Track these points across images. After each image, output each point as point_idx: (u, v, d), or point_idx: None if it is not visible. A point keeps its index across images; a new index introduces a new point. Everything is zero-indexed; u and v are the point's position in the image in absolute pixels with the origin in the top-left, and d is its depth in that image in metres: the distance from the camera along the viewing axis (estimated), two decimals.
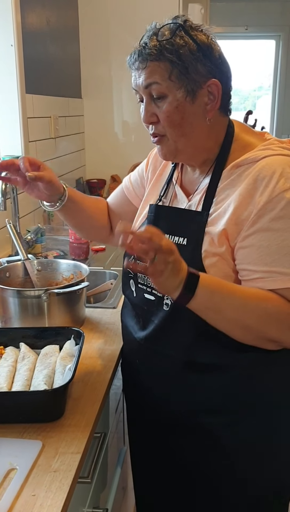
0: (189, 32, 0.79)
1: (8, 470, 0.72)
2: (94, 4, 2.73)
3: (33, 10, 2.05)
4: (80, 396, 0.90)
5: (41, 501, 0.67)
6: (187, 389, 0.90)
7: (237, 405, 0.88)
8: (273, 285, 0.78)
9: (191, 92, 0.80)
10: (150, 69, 0.80)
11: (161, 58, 0.79)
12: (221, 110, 0.85)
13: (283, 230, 0.77)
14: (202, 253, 0.82)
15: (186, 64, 0.78)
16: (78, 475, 0.74)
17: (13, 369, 0.93)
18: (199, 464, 0.93)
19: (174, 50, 0.78)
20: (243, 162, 0.82)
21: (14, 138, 1.90)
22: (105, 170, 2.95)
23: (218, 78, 0.81)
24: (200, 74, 0.80)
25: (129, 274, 0.96)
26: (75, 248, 1.72)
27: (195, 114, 0.82)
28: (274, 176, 0.77)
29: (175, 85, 0.80)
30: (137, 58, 0.81)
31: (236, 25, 4.63)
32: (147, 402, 0.98)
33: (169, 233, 0.88)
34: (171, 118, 0.81)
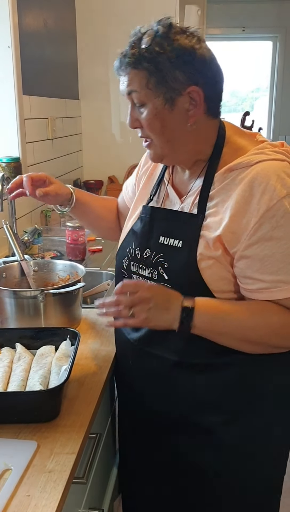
0: (169, 39, 0.78)
1: (3, 471, 0.72)
2: (92, 6, 2.74)
3: (30, 12, 2.06)
4: (76, 397, 0.90)
5: (36, 501, 0.67)
6: (179, 389, 0.90)
7: (229, 405, 0.88)
8: (280, 295, 0.78)
9: (169, 99, 0.80)
10: (130, 77, 0.81)
11: (139, 67, 0.79)
12: (209, 113, 0.84)
13: (286, 238, 0.77)
14: (197, 256, 0.82)
15: (163, 73, 0.78)
16: (73, 475, 0.74)
17: (8, 370, 0.94)
18: (191, 464, 0.93)
19: (151, 58, 0.78)
20: (237, 166, 0.81)
21: (11, 139, 1.91)
22: (103, 171, 2.95)
23: (201, 83, 0.80)
24: (178, 81, 0.79)
25: (123, 274, 0.97)
26: (72, 249, 1.72)
27: (176, 120, 0.82)
28: (270, 183, 0.77)
29: (152, 93, 0.80)
30: (119, 65, 0.82)
31: (233, 27, 4.64)
32: (139, 403, 0.98)
33: (164, 235, 0.88)
34: (151, 126, 0.82)
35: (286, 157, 0.81)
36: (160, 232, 0.89)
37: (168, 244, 0.87)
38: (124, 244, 0.98)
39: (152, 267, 0.89)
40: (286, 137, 4.90)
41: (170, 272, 0.86)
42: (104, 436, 1.08)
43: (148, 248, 0.90)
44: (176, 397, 0.91)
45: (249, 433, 0.89)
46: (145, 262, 0.90)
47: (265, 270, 0.78)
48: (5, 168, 1.83)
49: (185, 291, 0.82)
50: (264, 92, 5.04)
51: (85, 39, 2.78)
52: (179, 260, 0.84)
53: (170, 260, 0.86)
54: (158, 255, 0.88)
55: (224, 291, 0.83)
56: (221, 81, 0.84)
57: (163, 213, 0.92)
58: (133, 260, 0.93)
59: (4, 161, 1.83)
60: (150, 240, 0.90)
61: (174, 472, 0.96)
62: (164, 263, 0.87)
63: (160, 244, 0.88)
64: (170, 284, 0.85)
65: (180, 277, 0.84)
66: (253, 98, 5.45)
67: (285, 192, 0.76)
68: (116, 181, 2.95)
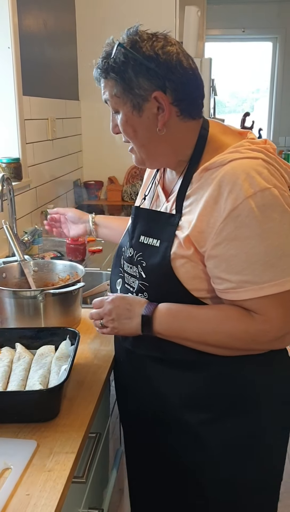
0: (132, 48, 0.80)
1: (2, 470, 0.72)
2: (91, 7, 2.74)
3: (30, 13, 2.06)
4: (75, 396, 0.91)
5: (35, 500, 0.67)
6: (165, 387, 0.90)
7: (217, 402, 0.88)
8: (246, 295, 0.78)
9: (137, 106, 0.82)
10: (103, 86, 0.86)
11: (107, 76, 0.83)
12: (184, 115, 0.84)
13: (250, 238, 0.76)
14: (171, 255, 0.83)
15: (127, 81, 0.81)
16: (72, 474, 0.74)
17: (8, 369, 0.94)
18: (187, 462, 0.93)
19: (116, 68, 0.81)
20: (212, 165, 0.81)
21: (11, 140, 1.91)
22: (103, 172, 2.96)
23: (168, 87, 0.80)
24: (143, 88, 0.81)
25: (119, 273, 0.98)
26: (72, 249, 1.73)
27: (146, 126, 0.83)
28: (238, 182, 0.76)
29: (120, 100, 0.83)
30: (94, 75, 0.86)
31: (233, 27, 4.65)
32: (132, 401, 0.99)
33: (145, 235, 0.90)
34: (125, 131, 0.86)
35: (264, 154, 0.80)
36: (141, 231, 0.92)
37: (147, 244, 0.89)
38: (121, 243, 1.00)
39: (134, 265, 0.91)
40: (286, 138, 4.91)
41: (147, 270, 0.87)
42: (103, 435, 1.09)
43: (131, 247, 0.93)
44: (161, 395, 0.91)
45: (237, 433, 0.89)
46: (130, 261, 0.93)
47: (231, 270, 0.78)
48: (5, 168, 1.84)
49: (161, 290, 0.85)
50: (264, 93, 5.04)
51: (85, 40, 2.78)
52: (155, 259, 0.86)
53: (148, 259, 0.88)
54: (138, 253, 0.90)
55: (199, 289, 0.84)
56: (192, 83, 0.83)
57: (145, 213, 0.94)
58: (124, 259, 0.95)
59: (4, 161, 1.84)
60: (133, 239, 0.93)
61: (170, 471, 0.96)
62: (143, 261, 0.88)
63: (140, 243, 0.90)
64: (147, 282, 0.87)
65: (156, 275, 0.86)
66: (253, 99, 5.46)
67: (252, 191, 0.75)
68: (116, 182, 2.95)
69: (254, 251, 0.76)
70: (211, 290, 0.84)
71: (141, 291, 0.89)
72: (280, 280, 0.77)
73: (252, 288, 0.77)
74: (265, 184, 0.76)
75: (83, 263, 1.67)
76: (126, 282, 0.95)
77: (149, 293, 0.88)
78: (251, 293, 0.78)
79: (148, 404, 0.94)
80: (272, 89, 4.88)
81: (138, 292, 0.89)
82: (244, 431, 0.89)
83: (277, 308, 0.79)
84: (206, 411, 0.88)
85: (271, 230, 0.76)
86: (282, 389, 0.92)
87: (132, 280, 0.92)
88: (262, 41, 4.86)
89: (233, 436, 0.89)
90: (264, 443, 0.91)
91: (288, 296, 0.78)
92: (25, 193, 1.99)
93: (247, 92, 5.41)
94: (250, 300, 0.79)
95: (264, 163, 0.79)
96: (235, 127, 0.92)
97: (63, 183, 2.54)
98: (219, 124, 0.90)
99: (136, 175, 2.88)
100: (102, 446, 1.08)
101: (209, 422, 0.88)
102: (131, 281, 0.93)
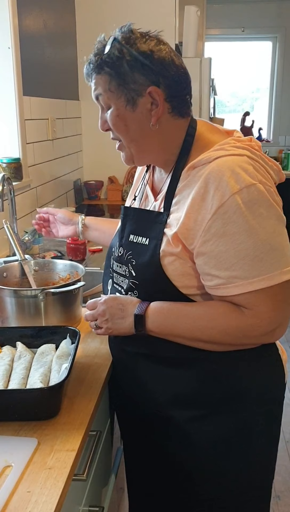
0: (127, 44, 0.82)
1: (3, 467, 0.73)
2: (91, 8, 2.75)
3: (30, 13, 2.07)
4: (76, 395, 0.91)
5: (36, 497, 0.67)
6: (157, 384, 0.91)
7: (208, 399, 0.88)
8: (236, 290, 0.79)
9: (131, 100, 0.83)
10: (95, 82, 0.86)
11: (101, 72, 0.84)
12: (174, 113, 0.85)
13: (239, 234, 0.77)
14: (160, 253, 0.84)
15: (123, 76, 0.82)
16: (73, 472, 0.74)
17: (9, 368, 0.94)
18: (180, 460, 0.93)
19: (111, 63, 0.82)
20: (198, 163, 0.82)
21: (12, 140, 1.92)
22: (103, 172, 2.96)
23: (161, 83, 0.82)
24: (138, 83, 0.82)
25: (109, 274, 0.99)
26: (72, 249, 1.73)
27: (138, 120, 0.84)
28: (224, 179, 0.77)
29: (114, 95, 0.84)
30: (85, 72, 0.87)
31: (232, 27, 4.65)
32: (126, 399, 1.00)
33: (134, 233, 0.91)
34: (116, 126, 0.86)
35: (250, 152, 0.81)
36: (130, 230, 0.93)
37: (137, 242, 0.90)
38: (112, 243, 1.01)
39: (124, 264, 0.92)
40: (286, 137, 4.91)
41: (137, 268, 0.88)
42: (104, 434, 1.09)
43: (121, 246, 0.94)
44: (153, 392, 0.92)
45: (227, 430, 0.89)
46: (120, 260, 0.93)
47: (221, 266, 0.79)
48: (6, 168, 1.84)
49: (151, 288, 0.86)
50: (264, 92, 5.04)
51: (85, 40, 2.79)
52: (144, 257, 0.87)
53: (137, 257, 0.88)
54: (128, 252, 0.91)
55: (188, 286, 0.84)
56: (183, 81, 0.85)
57: (133, 212, 0.95)
58: (114, 258, 0.96)
59: (4, 161, 1.84)
60: (122, 238, 0.94)
61: (165, 469, 0.96)
62: (132, 260, 0.89)
63: (129, 242, 0.91)
64: (137, 280, 0.88)
65: (145, 273, 0.87)
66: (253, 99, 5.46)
67: (238, 188, 0.76)
68: (116, 182, 2.96)
69: (242, 247, 0.77)
70: (200, 287, 0.84)
71: (131, 290, 0.90)
72: (269, 275, 0.77)
73: (241, 284, 0.78)
74: (250, 180, 0.77)
75: (84, 263, 1.68)
76: (115, 282, 0.96)
77: (139, 291, 0.88)
78: (240, 288, 0.78)
79: (141, 402, 0.95)
80: (272, 89, 4.88)
81: (128, 290, 0.90)
82: (235, 428, 0.89)
83: (266, 302, 0.79)
84: (198, 408, 0.89)
85: (259, 225, 0.77)
86: (272, 387, 0.92)
87: (122, 279, 0.93)
88: (261, 41, 4.86)
89: (224, 433, 0.89)
90: (254, 441, 0.91)
91: (277, 290, 0.79)
92: (26, 193, 1.99)
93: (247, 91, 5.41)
94: (240, 295, 0.79)
95: (249, 160, 0.80)
96: (222, 127, 0.92)
97: (63, 183, 2.55)
98: (206, 123, 0.91)
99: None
100: (103, 445, 1.08)
101: (200, 419, 0.89)
102: (120, 280, 0.94)
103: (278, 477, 1.02)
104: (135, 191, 1.01)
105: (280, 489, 1.86)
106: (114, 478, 1.21)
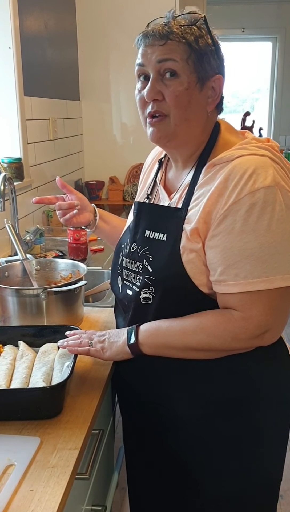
0: (207, 27, 0.83)
1: (6, 466, 0.72)
2: (92, 8, 2.75)
3: (31, 14, 2.07)
4: (78, 393, 0.91)
5: (39, 496, 0.67)
6: (164, 382, 0.90)
7: (216, 400, 0.88)
8: (234, 289, 0.78)
9: (201, 80, 0.83)
10: (169, 47, 0.81)
11: (181, 40, 0.80)
12: (218, 107, 0.88)
13: (246, 232, 0.77)
14: (180, 249, 0.84)
15: (202, 53, 0.82)
16: (76, 470, 0.74)
17: (11, 367, 0.94)
18: (185, 460, 0.93)
19: (194, 36, 0.81)
20: (219, 161, 0.82)
21: (13, 140, 1.92)
22: (104, 172, 2.96)
23: (223, 75, 0.86)
24: (211, 67, 0.84)
25: (118, 270, 0.98)
26: (74, 248, 1.73)
27: (199, 102, 0.84)
28: (244, 177, 0.77)
29: (190, 68, 0.81)
30: (155, 34, 0.81)
31: (232, 28, 4.65)
32: (131, 397, 0.99)
33: (150, 229, 0.90)
34: (179, 98, 0.82)
35: (270, 152, 0.81)
36: (145, 226, 0.92)
37: (153, 238, 0.89)
38: (121, 240, 1.00)
39: (138, 260, 0.91)
40: (286, 137, 4.91)
41: (154, 264, 0.87)
42: (106, 432, 1.09)
43: (135, 242, 0.93)
44: (159, 391, 0.91)
45: (233, 432, 0.88)
46: (132, 256, 0.92)
47: (224, 262, 0.79)
48: (7, 168, 1.84)
49: (168, 284, 0.85)
50: (265, 93, 5.04)
51: (85, 41, 2.79)
52: (163, 253, 0.86)
53: (155, 253, 0.88)
54: (143, 248, 0.90)
55: (207, 284, 0.84)
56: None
57: (149, 208, 0.94)
58: (124, 255, 0.95)
59: (5, 161, 1.85)
60: (136, 234, 0.93)
61: (169, 469, 0.96)
62: (149, 256, 0.88)
63: (145, 238, 0.90)
64: (154, 276, 0.87)
65: (164, 269, 0.86)
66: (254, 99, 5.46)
67: (256, 187, 0.76)
68: (117, 182, 2.96)
69: (248, 246, 0.77)
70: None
71: (147, 286, 0.88)
72: (270, 278, 0.77)
73: (241, 282, 0.78)
74: (269, 181, 0.77)
75: (85, 262, 1.67)
76: (125, 279, 0.95)
77: (155, 287, 0.87)
78: (239, 287, 0.78)
79: (148, 400, 0.94)
80: (272, 89, 4.88)
81: (143, 287, 0.89)
82: (244, 428, 0.89)
83: (258, 305, 0.79)
84: (207, 407, 0.88)
85: (268, 228, 0.77)
86: (283, 387, 0.91)
87: (133, 275, 0.92)
88: (262, 41, 4.87)
89: (232, 434, 0.89)
90: (264, 441, 0.90)
91: (274, 295, 0.79)
92: (27, 193, 1.99)
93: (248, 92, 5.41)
94: (237, 295, 0.79)
95: (271, 161, 0.80)
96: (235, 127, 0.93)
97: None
98: (225, 122, 0.92)
99: (137, 174, 2.88)
100: (106, 444, 1.08)
101: (209, 418, 0.88)
102: (132, 277, 0.93)
103: None
104: (147, 190, 0.99)
105: (283, 488, 1.85)
106: (117, 477, 1.21)
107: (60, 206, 1.10)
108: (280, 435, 0.94)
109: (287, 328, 3.23)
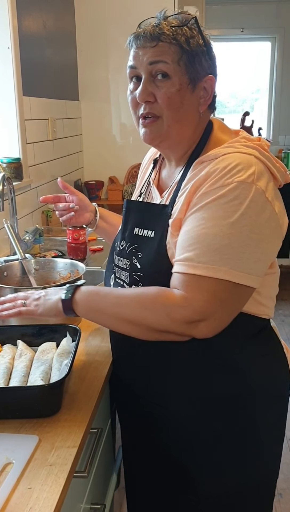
0: (198, 28, 0.83)
1: (4, 464, 0.73)
2: (91, 8, 2.75)
3: (29, 14, 2.07)
4: (77, 392, 0.91)
5: (37, 493, 0.67)
6: (159, 379, 0.90)
7: (213, 397, 0.87)
8: (182, 269, 0.78)
9: (192, 81, 0.83)
10: (160, 49, 0.81)
11: (172, 41, 0.81)
12: (210, 107, 0.89)
13: (207, 219, 0.77)
14: (166, 245, 0.84)
15: (194, 54, 0.82)
16: (74, 468, 0.74)
17: (10, 366, 0.94)
18: (181, 458, 0.92)
19: (185, 37, 0.81)
20: (206, 158, 0.83)
21: (12, 140, 1.92)
22: (103, 172, 2.97)
23: (214, 75, 0.86)
24: (202, 67, 0.84)
25: (112, 269, 0.99)
26: (73, 248, 1.73)
27: (192, 103, 0.85)
28: (224, 171, 0.78)
29: (181, 70, 0.82)
30: (146, 35, 0.81)
31: (231, 28, 4.65)
32: (128, 394, 0.99)
33: (138, 226, 0.91)
34: (171, 100, 0.83)
35: (258, 152, 0.81)
36: (134, 223, 0.92)
37: (142, 235, 0.90)
38: (115, 239, 1.01)
39: (126, 258, 0.91)
40: (286, 137, 4.91)
41: (142, 261, 0.88)
42: (105, 431, 1.09)
43: (124, 240, 0.93)
44: (153, 388, 0.91)
45: (228, 429, 0.88)
46: (122, 254, 0.93)
47: (181, 243, 0.80)
48: (6, 168, 1.85)
49: (156, 281, 0.84)
50: (264, 93, 5.04)
51: (84, 41, 2.79)
52: (151, 250, 0.87)
53: (144, 250, 0.88)
54: (132, 245, 0.91)
55: None
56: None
57: (137, 205, 0.95)
58: (116, 253, 0.96)
59: (4, 161, 1.85)
60: (126, 232, 0.93)
61: (165, 467, 0.96)
62: (139, 253, 0.89)
63: (134, 235, 0.91)
64: (142, 272, 0.87)
65: (151, 265, 0.86)
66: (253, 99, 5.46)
67: (230, 181, 0.77)
68: (116, 182, 2.96)
69: (204, 231, 0.78)
70: None
71: (135, 283, 0.88)
72: (215, 267, 0.76)
73: (187, 264, 0.78)
74: (245, 177, 0.77)
75: (84, 262, 1.67)
76: (117, 277, 0.96)
77: (144, 284, 0.87)
78: (184, 268, 0.79)
79: (144, 397, 0.94)
80: (271, 89, 4.88)
81: (132, 284, 0.89)
82: (241, 426, 0.89)
83: (202, 291, 0.77)
84: (202, 406, 0.88)
85: (229, 219, 0.76)
86: (279, 384, 0.92)
87: (122, 273, 0.93)
88: (261, 41, 4.86)
89: (229, 431, 0.89)
90: (259, 438, 0.90)
91: (221, 287, 0.77)
92: (26, 193, 1.99)
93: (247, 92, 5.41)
94: (182, 275, 0.79)
95: (256, 160, 0.80)
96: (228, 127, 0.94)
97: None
98: (218, 121, 0.92)
99: (136, 174, 2.88)
100: (104, 443, 1.08)
101: (205, 417, 0.88)
102: (122, 274, 0.93)
103: (280, 475, 1.02)
104: (141, 189, 1.01)
105: (282, 486, 1.85)
106: (116, 477, 1.21)
107: (57, 208, 1.12)
108: (277, 431, 0.94)
109: (286, 328, 3.23)
